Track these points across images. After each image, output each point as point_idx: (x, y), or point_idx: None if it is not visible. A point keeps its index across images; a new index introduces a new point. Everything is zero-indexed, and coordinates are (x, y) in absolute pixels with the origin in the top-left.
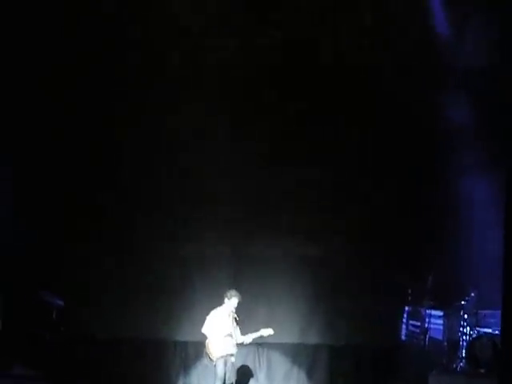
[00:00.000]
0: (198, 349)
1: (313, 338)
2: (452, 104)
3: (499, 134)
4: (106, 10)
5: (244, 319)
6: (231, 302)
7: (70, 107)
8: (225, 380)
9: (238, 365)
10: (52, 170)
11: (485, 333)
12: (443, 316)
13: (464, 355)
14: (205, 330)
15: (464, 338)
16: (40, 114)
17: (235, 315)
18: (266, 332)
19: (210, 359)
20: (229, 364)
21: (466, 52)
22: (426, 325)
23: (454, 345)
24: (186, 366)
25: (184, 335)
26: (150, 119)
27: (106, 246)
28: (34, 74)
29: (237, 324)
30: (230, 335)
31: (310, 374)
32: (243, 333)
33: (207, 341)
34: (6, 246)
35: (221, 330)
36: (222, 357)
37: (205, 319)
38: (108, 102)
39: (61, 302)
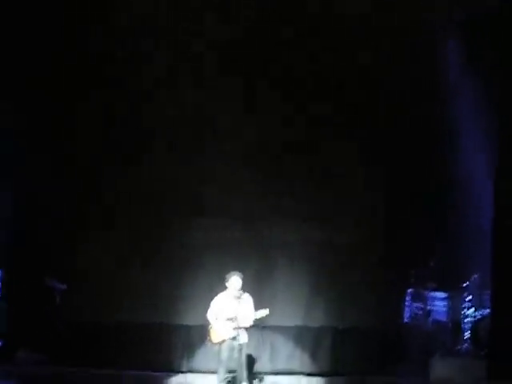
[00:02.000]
0: (201, 332)
1: (316, 321)
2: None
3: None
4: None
5: None
6: (231, 283)
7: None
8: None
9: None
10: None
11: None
12: (447, 298)
13: (468, 337)
14: (209, 315)
15: (467, 319)
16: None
17: (240, 296)
18: (262, 313)
19: (214, 344)
20: (236, 348)
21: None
22: (430, 307)
23: (458, 326)
24: (190, 350)
25: (187, 319)
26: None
27: (110, 231)
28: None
29: (246, 305)
30: (232, 319)
31: (313, 355)
32: None
33: (210, 326)
34: (12, 230)
35: (224, 314)
36: (223, 341)
37: (209, 303)
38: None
39: (64, 286)
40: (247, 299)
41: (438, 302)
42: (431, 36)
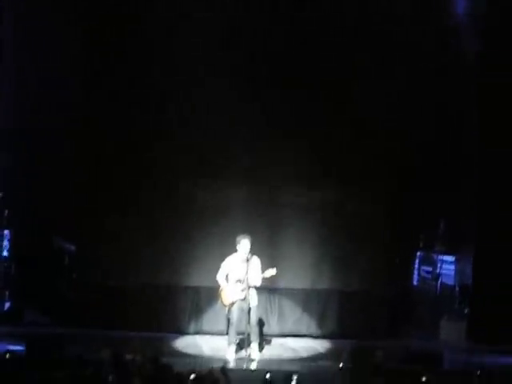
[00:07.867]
0: (209, 294)
1: (324, 284)
2: None
3: None
4: None
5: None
6: (241, 246)
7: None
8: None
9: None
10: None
11: None
12: (455, 261)
13: None
14: (218, 277)
15: None
16: None
17: (249, 258)
18: (270, 272)
19: (224, 306)
20: (246, 310)
21: None
22: (438, 270)
23: (466, 290)
24: (198, 312)
25: (195, 281)
26: None
27: (118, 192)
28: None
29: (253, 267)
30: (240, 281)
31: (320, 318)
32: None
33: (220, 288)
34: (20, 190)
35: (233, 276)
36: (233, 303)
37: (217, 265)
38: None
39: (72, 248)
40: (255, 261)
41: (447, 265)
42: None
